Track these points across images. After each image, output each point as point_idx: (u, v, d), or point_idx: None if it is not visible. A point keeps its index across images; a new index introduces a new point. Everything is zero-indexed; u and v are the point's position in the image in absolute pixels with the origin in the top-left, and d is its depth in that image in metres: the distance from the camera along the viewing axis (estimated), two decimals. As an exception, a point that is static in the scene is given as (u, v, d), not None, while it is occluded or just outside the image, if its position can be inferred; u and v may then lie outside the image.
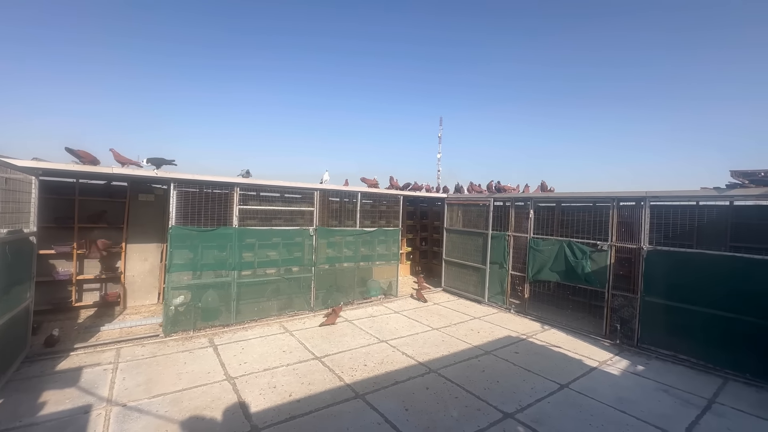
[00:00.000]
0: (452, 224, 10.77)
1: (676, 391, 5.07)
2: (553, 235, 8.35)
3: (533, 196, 8.67)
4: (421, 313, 8.59)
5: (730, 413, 4.55)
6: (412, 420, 4.19)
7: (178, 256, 6.62)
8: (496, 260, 9.22)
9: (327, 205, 9.46)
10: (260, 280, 7.78)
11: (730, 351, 5.56)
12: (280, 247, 8.10)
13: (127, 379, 4.92)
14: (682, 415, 4.48)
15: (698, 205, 7.28)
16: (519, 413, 4.40)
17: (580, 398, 4.81)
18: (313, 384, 4.96)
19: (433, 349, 6.32)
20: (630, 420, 4.34)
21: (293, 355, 5.88)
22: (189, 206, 6.80)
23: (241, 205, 7.19)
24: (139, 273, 8.07)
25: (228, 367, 5.36)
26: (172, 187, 6.41)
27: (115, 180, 7.71)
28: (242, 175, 7.24)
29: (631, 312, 6.80)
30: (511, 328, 7.63)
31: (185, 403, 4.37)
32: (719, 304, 5.64)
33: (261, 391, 4.71)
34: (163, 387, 4.74)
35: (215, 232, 6.91)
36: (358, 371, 5.40)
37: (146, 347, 6.00)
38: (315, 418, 4.16)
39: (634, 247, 6.75)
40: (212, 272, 7.12)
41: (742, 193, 5.48)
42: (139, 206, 8.03)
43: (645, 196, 6.50)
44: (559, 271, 7.90)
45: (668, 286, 6.24)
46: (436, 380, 5.19)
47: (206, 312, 6.92)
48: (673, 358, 6.11)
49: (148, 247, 8.13)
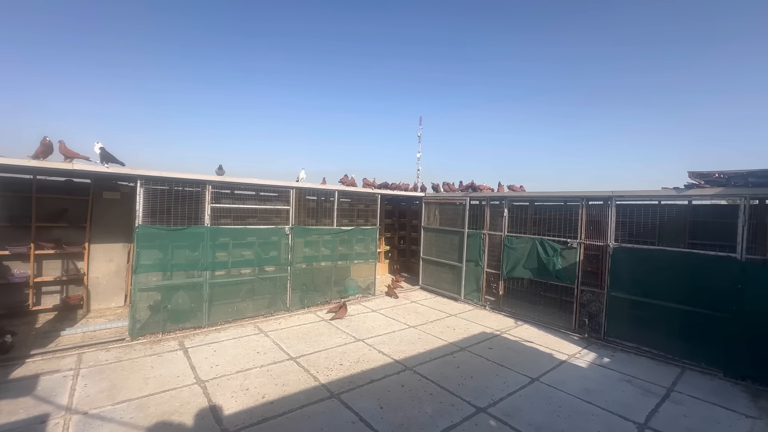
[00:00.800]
0: (429, 223, 10.88)
1: (638, 381, 5.33)
2: (526, 234, 8.57)
3: (507, 195, 8.87)
4: (399, 311, 8.64)
5: (686, 401, 4.82)
6: (386, 418, 4.20)
7: (146, 257, 6.36)
8: (471, 258, 9.38)
9: (304, 203, 9.34)
10: (234, 280, 7.59)
11: (688, 342, 5.89)
12: (255, 246, 7.94)
13: (89, 385, 4.68)
14: (643, 403, 4.72)
15: (660, 204, 7.66)
16: (491, 407, 4.50)
17: (549, 391, 4.97)
18: (287, 385, 4.89)
19: (409, 347, 6.36)
20: (595, 410, 4.52)
21: (267, 356, 5.77)
22: (157, 204, 6.54)
23: (213, 204, 6.98)
24: (103, 274, 7.70)
25: (198, 370, 5.20)
26: (139, 184, 6.14)
27: (76, 176, 7.30)
28: (216, 172, 7.02)
29: (599, 307, 7.09)
30: (486, 324, 7.79)
31: (152, 409, 4.21)
32: (678, 297, 5.96)
33: (233, 394, 4.59)
34: (128, 393, 4.54)
35: (186, 231, 6.67)
36: (333, 371, 5.36)
37: (111, 352, 5.73)
38: (288, 420, 4.10)
39: (602, 245, 7.04)
40: (183, 273, 6.88)
41: (698, 193, 5.81)
42: (104, 204, 7.65)
43: (611, 195, 6.78)
44: (531, 269, 8.13)
45: (632, 282, 6.54)
46: (412, 377, 5.23)
47: (177, 314, 6.68)
48: (637, 350, 6.41)
49: (113, 247, 7.76)
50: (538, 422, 4.21)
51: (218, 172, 7.05)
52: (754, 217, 5.46)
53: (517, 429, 4.06)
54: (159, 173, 6.22)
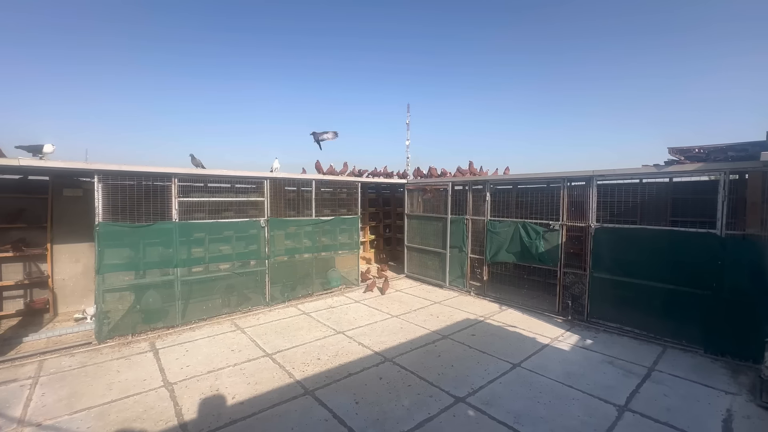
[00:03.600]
0: (413, 210, 10.68)
1: (620, 362, 5.27)
2: (510, 217, 8.43)
3: (490, 179, 8.69)
4: (382, 301, 8.48)
5: (667, 380, 4.77)
6: (361, 413, 4.04)
7: (110, 256, 6.03)
8: (455, 244, 9.24)
9: (283, 194, 9.03)
10: (208, 276, 7.33)
11: (669, 320, 5.85)
12: (233, 240, 7.65)
13: (47, 394, 4.41)
14: (624, 385, 4.65)
15: (641, 182, 7.56)
16: (470, 396, 4.38)
17: (530, 376, 4.88)
18: (260, 383, 4.69)
19: (390, 338, 6.21)
20: (576, 394, 4.44)
21: (242, 354, 5.55)
22: (120, 200, 6.18)
23: (181, 198, 6.64)
24: (70, 276, 7.33)
25: (167, 372, 4.97)
26: (97, 179, 5.78)
27: (30, 174, 6.85)
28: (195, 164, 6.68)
29: (582, 288, 7.02)
30: (470, 310, 7.69)
31: (112, 416, 3.97)
32: (659, 276, 5.90)
33: (201, 396, 4.38)
34: (89, 400, 4.29)
35: (152, 227, 6.34)
36: (310, 366, 5.18)
37: (76, 357, 5.45)
38: (257, 420, 3.91)
39: (584, 226, 6.93)
40: (153, 271, 6.58)
41: (678, 169, 5.69)
42: (66, 202, 7.23)
43: (592, 175, 6.64)
44: (515, 252, 8.02)
45: (614, 262, 6.46)
46: (391, 369, 5.08)
47: (148, 314, 6.40)
48: (620, 330, 6.37)
49: (79, 247, 7.38)
50: (517, 410, 4.10)
51: (193, 162, 6.71)
52: (734, 192, 5.36)
53: (495, 418, 3.95)
54: (118, 167, 5.85)
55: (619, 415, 4.00)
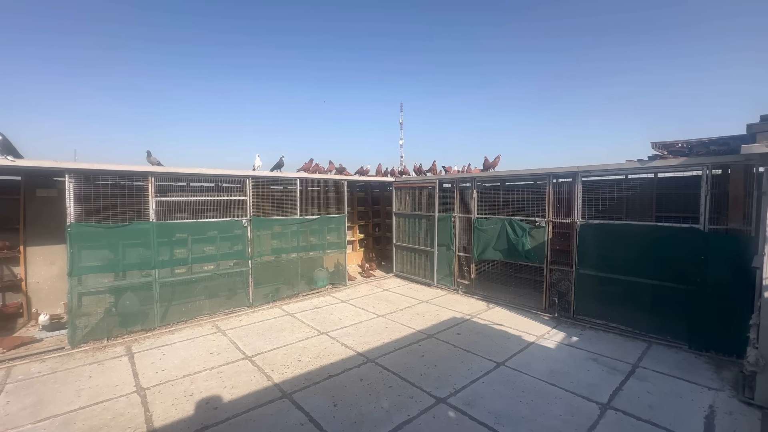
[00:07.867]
0: (401, 208, 10.57)
1: (604, 359, 5.22)
2: (497, 215, 8.36)
3: (476, 176, 8.61)
4: (369, 300, 8.36)
5: (651, 376, 4.73)
6: (339, 416, 3.93)
7: (84, 257, 5.84)
8: (443, 242, 9.15)
9: (268, 193, 8.87)
10: (188, 277, 7.14)
11: (654, 316, 5.82)
12: (217, 240, 7.47)
13: (12, 402, 4.22)
14: (607, 382, 4.59)
15: (627, 178, 7.54)
16: (452, 397, 4.29)
17: (514, 375, 4.80)
18: (236, 387, 4.55)
19: (374, 338, 6.10)
20: (559, 392, 4.36)
21: (221, 357, 5.40)
22: (95, 200, 5.98)
23: (158, 197, 6.46)
24: (45, 279, 7.10)
25: (141, 377, 4.80)
26: (67, 178, 5.58)
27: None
28: (152, 162, 6.48)
29: (568, 285, 6.97)
30: (457, 309, 7.60)
31: (78, 425, 3.81)
32: (644, 272, 5.86)
33: (174, 402, 4.23)
34: (55, 408, 4.11)
35: (128, 227, 6.15)
36: (290, 368, 5.05)
37: (46, 363, 5.25)
38: (230, 426, 3.77)
39: (569, 222, 6.88)
40: (131, 273, 6.39)
41: (661, 164, 5.65)
42: (39, 203, 7.00)
43: (577, 171, 6.59)
44: (501, 250, 7.95)
45: (600, 258, 6.42)
46: (372, 370, 4.96)
47: (124, 317, 6.21)
48: (605, 327, 6.33)
49: (54, 249, 7.14)
50: (498, 410, 4.01)
51: (149, 159, 6.53)
52: (717, 187, 5.34)
53: (476, 418, 3.86)
54: (90, 166, 5.66)
55: (602, 414, 3.94)
